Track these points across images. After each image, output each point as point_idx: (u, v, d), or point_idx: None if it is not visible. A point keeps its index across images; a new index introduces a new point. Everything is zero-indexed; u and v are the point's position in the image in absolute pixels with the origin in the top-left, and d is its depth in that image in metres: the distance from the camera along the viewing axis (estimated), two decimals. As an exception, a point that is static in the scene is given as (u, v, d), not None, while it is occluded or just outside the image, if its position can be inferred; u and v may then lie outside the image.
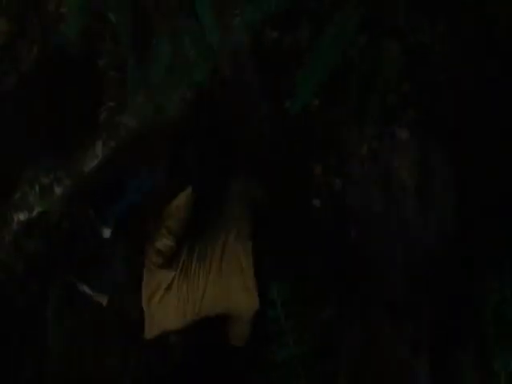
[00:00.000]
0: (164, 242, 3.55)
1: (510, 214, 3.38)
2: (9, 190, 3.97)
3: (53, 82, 3.87)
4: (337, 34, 3.04)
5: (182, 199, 3.65)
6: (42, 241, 3.98)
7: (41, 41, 3.97)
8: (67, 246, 3.89)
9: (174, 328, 3.60)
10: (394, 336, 3.24)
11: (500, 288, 2.81)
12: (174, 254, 3.55)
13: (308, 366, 2.83)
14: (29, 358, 3.75)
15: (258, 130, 3.71)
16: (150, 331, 3.62)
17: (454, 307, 3.29)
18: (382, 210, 3.63)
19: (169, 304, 3.51)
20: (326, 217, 3.69)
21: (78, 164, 3.82)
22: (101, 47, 3.66)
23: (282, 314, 2.75)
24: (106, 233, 3.89)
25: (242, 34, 3.22)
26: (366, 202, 3.64)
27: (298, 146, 3.75)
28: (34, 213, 3.99)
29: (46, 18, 3.90)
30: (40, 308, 3.74)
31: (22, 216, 3.95)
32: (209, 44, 3.23)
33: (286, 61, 3.66)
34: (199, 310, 3.53)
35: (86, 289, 3.76)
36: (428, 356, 2.99)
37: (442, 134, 3.58)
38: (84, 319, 3.78)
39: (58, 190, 3.96)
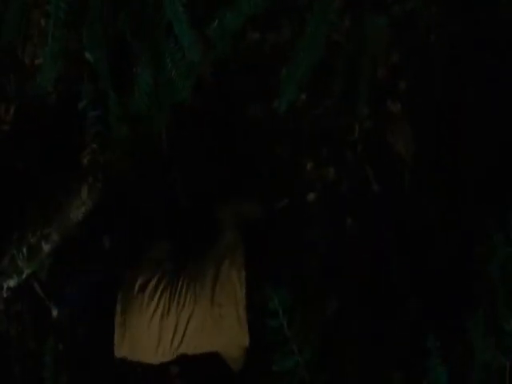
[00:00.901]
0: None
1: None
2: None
3: (32, 135, 3.74)
4: (318, 22, 2.98)
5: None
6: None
7: (17, 98, 3.88)
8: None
9: (143, 359, 3.30)
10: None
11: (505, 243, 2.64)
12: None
13: (314, 373, 2.62)
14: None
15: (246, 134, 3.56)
16: (119, 350, 3.32)
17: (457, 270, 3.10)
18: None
19: (145, 328, 3.24)
20: (321, 210, 3.50)
21: (64, 214, 3.65)
22: (78, 88, 3.54)
23: (285, 321, 2.55)
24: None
25: (224, 41, 3.11)
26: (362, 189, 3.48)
27: (288, 144, 3.62)
28: (24, 276, 3.79)
29: (21, 74, 3.81)
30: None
31: (11, 282, 3.74)
32: (190, 62, 3.14)
33: (269, 61, 3.58)
34: (179, 343, 3.23)
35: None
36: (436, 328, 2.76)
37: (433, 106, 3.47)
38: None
39: (46, 248, 3.78)
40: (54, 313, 3.78)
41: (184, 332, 3.23)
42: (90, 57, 3.45)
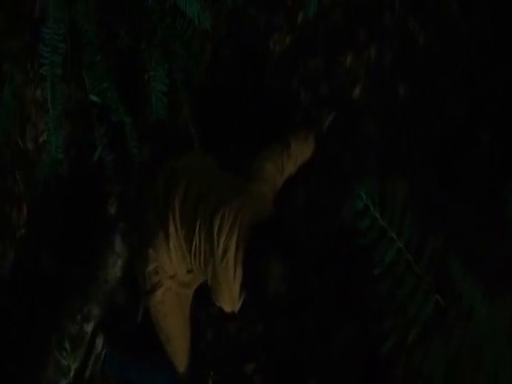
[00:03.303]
0: None
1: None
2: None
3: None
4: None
5: None
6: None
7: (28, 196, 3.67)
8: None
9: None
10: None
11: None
12: None
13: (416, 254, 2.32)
14: None
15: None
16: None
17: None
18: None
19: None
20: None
21: (100, 280, 3.30)
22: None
23: (377, 213, 2.30)
24: None
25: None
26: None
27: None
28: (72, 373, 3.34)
29: (26, 164, 3.65)
30: None
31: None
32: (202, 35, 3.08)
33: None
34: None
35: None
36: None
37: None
38: None
39: (89, 328, 3.36)
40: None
41: None
42: (96, 98, 3.30)
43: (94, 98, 3.33)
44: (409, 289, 2.37)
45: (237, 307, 2.98)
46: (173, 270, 3.02)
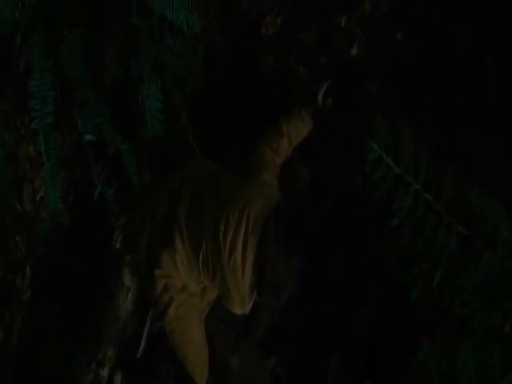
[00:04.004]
0: None
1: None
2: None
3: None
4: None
5: None
6: None
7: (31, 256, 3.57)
8: None
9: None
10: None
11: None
12: None
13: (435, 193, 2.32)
14: None
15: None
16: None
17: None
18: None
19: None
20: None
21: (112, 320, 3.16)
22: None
23: (391, 161, 2.32)
24: None
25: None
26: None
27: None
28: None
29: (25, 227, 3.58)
30: None
31: None
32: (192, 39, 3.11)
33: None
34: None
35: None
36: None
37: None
38: None
39: (105, 372, 3.18)
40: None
41: None
42: (90, 136, 3.29)
43: (88, 137, 3.31)
44: (430, 229, 2.33)
45: (247, 309, 2.92)
46: (181, 282, 2.94)
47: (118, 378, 3.20)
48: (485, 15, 3.23)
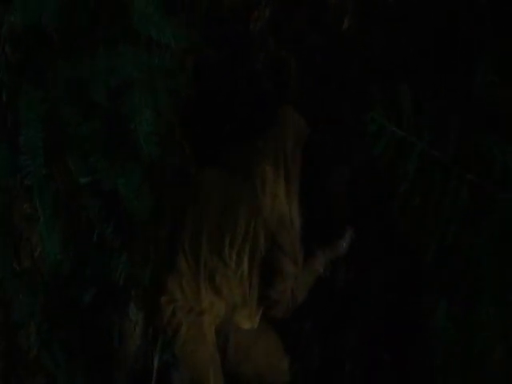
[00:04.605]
0: None
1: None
2: None
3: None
4: None
5: None
6: None
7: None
8: None
9: None
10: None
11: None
12: None
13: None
14: None
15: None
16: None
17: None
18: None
19: None
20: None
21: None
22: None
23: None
24: None
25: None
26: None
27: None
28: None
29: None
30: None
31: None
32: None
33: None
34: None
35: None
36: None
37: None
38: None
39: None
40: None
41: None
42: (85, 179, 3.24)
43: (83, 180, 3.25)
44: (440, 184, 2.35)
45: (256, 323, 2.95)
46: (189, 304, 2.91)
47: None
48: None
